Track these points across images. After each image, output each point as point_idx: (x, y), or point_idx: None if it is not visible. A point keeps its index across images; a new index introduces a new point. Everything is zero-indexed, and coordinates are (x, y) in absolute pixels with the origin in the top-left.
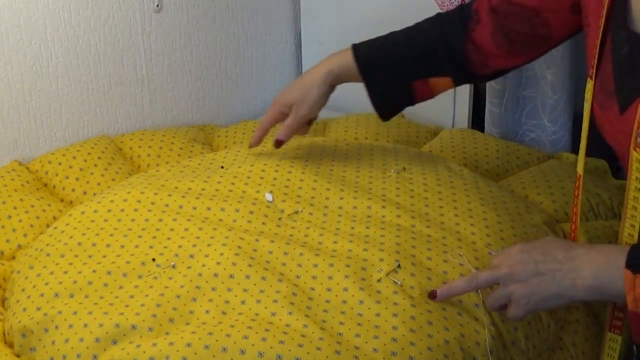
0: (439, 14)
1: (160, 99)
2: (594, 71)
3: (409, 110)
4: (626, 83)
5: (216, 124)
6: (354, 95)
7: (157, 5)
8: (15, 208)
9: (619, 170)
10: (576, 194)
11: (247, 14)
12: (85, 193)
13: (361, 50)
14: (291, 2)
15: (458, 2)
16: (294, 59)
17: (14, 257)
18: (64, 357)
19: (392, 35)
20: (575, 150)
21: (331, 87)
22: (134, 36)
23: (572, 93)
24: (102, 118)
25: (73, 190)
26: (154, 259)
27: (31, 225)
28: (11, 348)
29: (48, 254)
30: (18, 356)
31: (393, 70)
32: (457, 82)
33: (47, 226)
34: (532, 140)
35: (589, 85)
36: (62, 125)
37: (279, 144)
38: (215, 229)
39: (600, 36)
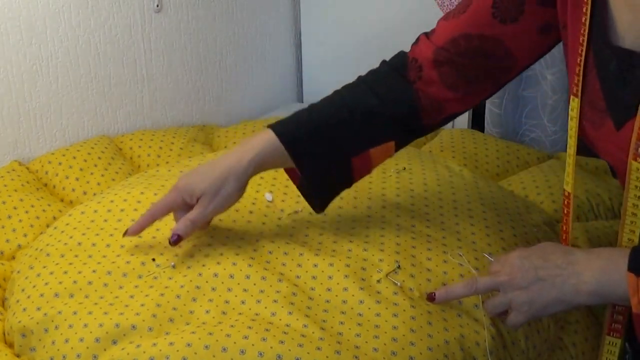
0: (362, 78)
1: (160, 99)
2: (579, 89)
3: None
4: (619, 100)
5: (216, 124)
6: None
7: (157, 5)
8: (15, 208)
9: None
10: (565, 212)
11: (247, 14)
12: (85, 193)
13: (284, 131)
14: (291, 2)
15: (457, 1)
16: (294, 59)
17: (14, 257)
18: (64, 357)
19: (315, 107)
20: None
21: (248, 179)
22: (134, 36)
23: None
24: (102, 118)
25: (73, 190)
26: (153, 259)
27: (31, 225)
28: (11, 348)
29: (48, 254)
30: (18, 356)
31: (329, 147)
32: (400, 146)
33: (47, 226)
34: (532, 140)
35: (574, 103)
36: (62, 125)
37: (176, 241)
38: (214, 228)
39: (583, 53)
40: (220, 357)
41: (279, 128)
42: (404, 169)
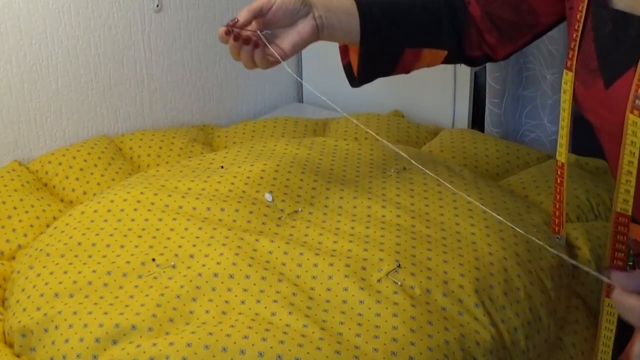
0: None
1: (160, 99)
2: (573, 63)
3: (409, 110)
4: (612, 59)
5: (216, 124)
6: (354, 95)
7: (157, 5)
8: (15, 208)
9: None
10: (559, 182)
11: None
12: (85, 193)
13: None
14: None
15: None
16: (294, 59)
17: (14, 257)
18: (63, 357)
19: None
20: (575, 150)
21: (308, 12)
22: (134, 36)
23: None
24: (102, 118)
25: (73, 190)
26: (153, 259)
27: (31, 226)
28: (11, 348)
29: (48, 254)
30: (18, 356)
31: (393, 30)
32: (449, 59)
33: (47, 226)
34: (532, 140)
35: (567, 76)
36: (62, 125)
37: (233, 22)
38: (215, 229)
39: (583, 16)
40: (220, 357)
41: None
42: (404, 168)
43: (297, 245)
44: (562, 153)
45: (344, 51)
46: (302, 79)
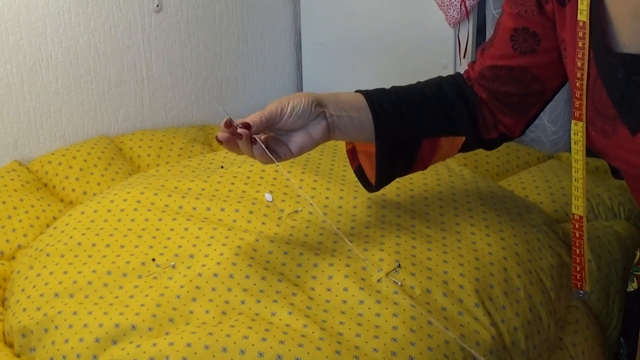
0: (439, 77)
1: (160, 99)
2: (583, 113)
3: None
4: (632, 105)
5: (216, 124)
6: None
7: (157, 5)
8: (15, 208)
9: (618, 170)
10: (578, 235)
11: (247, 14)
12: (85, 193)
13: (372, 95)
14: (291, 2)
15: (458, 1)
16: (294, 59)
17: (14, 257)
18: (63, 357)
19: (400, 87)
20: None
21: (325, 105)
22: (134, 36)
23: (572, 93)
24: (102, 118)
25: (73, 190)
26: (153, 259)
27: (31, 226)
28: (11, 348)
29: (48, 254)
30: (18, 356)
31: (407, 122)
32: (467, 146)
33: (47, 226)
34: (532, 140)
35: (577, 127)
36: (62, 125)
37: (245, 126)
38: (215, 228)
39: (585, 64)
40: (220, 357)
41: (368, 92)
42: None
43: (297, 245)
44: (580, 206)
45: (352, 154)
46: (302, 79)
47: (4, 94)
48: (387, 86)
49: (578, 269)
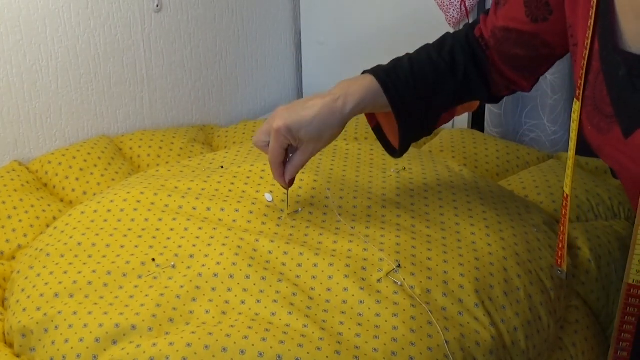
0: (452, 35)
1: (160, 99)
2: (581, 92)
3: None
4: (629, 106)
5: (216, 124)
6: None
7: (157, 5)
8: (15, 208)
9: None
10: (563, 213)
11: (247, 14)
12: (85, 193)
13: (388, 83)
14: (291, 2)
15: (458, 1)
16: (294, 59)
17: (14, 257)
18: (63, 357)
19: (415, 61)
20: (575, 149)
21: (347, 121)
22: (134, 36)
23: (572, 93)
24: (102, 118)
25: (73, 190)
26: (153, 259)
27: (31, 226)
28: (11, 348)
29: (48, 254)
30: (18, 356)
31: (426, 103)
32: (482, 103)
33: (47, 226)
34: (532, 140)
35: (576, 106)
36: (62, 125)
37: (291, 183)
38: (215, 229)
39: (586, 57)
40: (220, 357)
41: (383, 78)
42: (404, 168)
43: (297, 245)
44: (568, 185)
45: (369, 115)
46: (302, 79)
47: (4, 94)
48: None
49: (560, 246)
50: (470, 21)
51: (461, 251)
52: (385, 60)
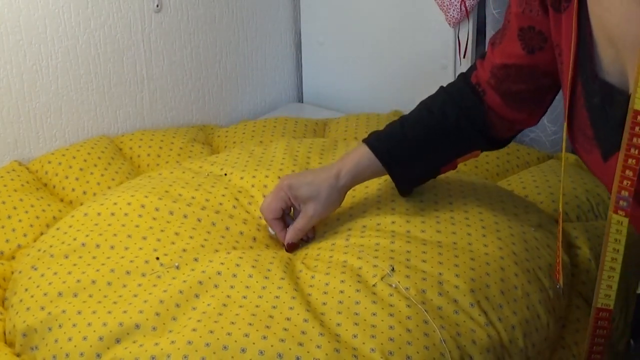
0: (444, 90)
1: (160, 99)
2: (566, 114)
3: (409, 110)
4: (604, 134)
5: (216, 124)
6: (354, 95)
7: (157, 5)
8: (15, 208)
9: None
10: (558, 229)
11: (247, 14)
12: (85, 193)
13: (380, 147)
14: (291, 2)
15: (458, 1)
16: (294, 59)
17: (13, 257)
18: (66, 355)
19: (407, 123)
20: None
21: (346, 189)
22: (134, 36)
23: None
24: (102, 118)
25: (73, 190)
26: (157, 258)
27: (31, 225)
28: (11, 347)
29: (52, 255)
30: (18, 355)
31: (422, 162)
32: (483, 150)
33: (47, 226)
34: (532, 140)
35: (565, 125)
36: (62, 125)
37: (291, 247)
38: (220, 243)
39: (570, 82)
40: (220, 355)
41: (375, 144)
42: None
43: (297, 262)
44: (562, 202)
45: None
46: (302, 79)
47: (4, 94)
48: (388, 85)
49: (557, 260)
50: (470, 21)
51: (457, 252)
52: (385, 60)
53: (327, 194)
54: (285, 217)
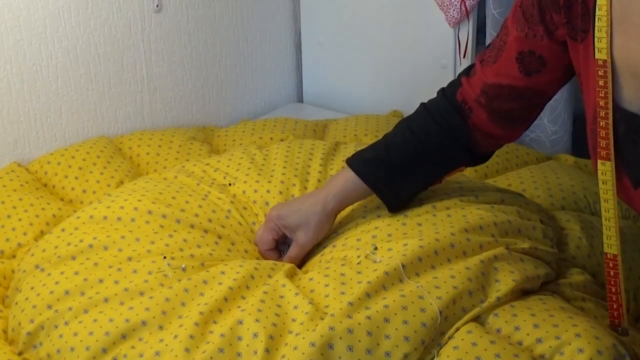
0: (426, 108)
1: (160, 99)
2: (610, 152)
3: (408, 110)
4: (633, 161)
5: (216, 124)
6: (354, 95)
7: (157, 5)
8: (14, 207)
9: None
10: (612, 274)
11: (247, 14)
12: (84, 191)
13: (366, 172)
14: (291, 2)
15: (458, 1)
16: (294, 59)
17: (14, 256)
18: (72, 349)
19: (392, 144)
20: (575, 151)
21: (334, 213)
22: (134, 36)
23: (572, 93)
24: (101, 118)
25: (73, 189)
26: (164, 257)
27: (31, 224)
28: (11, 345)
29: (59, 256)
30: (20, 354)
31: (409, 182)
32: (468, 166)
33: (47, 224)
34: (532, 140)
35: (605, 167)
36: (62, 125)
37: None
38: (227, 255)
39: (610, 117)
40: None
41: (360, 169)
42: None
43: (302, 275)
44: (612, 245)
45: None
46: (302, 79)
47: (4, 94)
48: (388, 85)
49: (615, 306)
50: (470, 21)
51: (437, 227)
52: (385, 60)
53: (317, 221)
54: (280, 245)
